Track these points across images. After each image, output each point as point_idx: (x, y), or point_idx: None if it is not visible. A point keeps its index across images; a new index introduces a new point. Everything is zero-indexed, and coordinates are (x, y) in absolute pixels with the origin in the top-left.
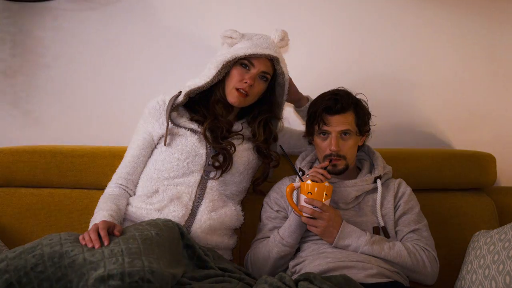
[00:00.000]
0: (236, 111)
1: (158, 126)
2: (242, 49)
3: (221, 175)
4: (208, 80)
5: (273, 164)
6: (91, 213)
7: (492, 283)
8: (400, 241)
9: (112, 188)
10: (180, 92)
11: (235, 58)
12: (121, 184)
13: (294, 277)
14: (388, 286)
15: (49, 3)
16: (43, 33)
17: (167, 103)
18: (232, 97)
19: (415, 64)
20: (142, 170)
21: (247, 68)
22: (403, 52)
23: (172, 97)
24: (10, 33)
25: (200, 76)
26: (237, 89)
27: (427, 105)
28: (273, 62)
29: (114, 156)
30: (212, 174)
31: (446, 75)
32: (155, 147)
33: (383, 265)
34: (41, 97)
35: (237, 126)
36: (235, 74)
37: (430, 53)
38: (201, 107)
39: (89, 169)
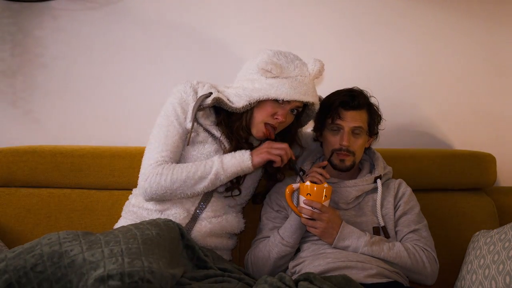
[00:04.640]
0: None
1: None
2: (281, 92)
3: (231, 196)
4: (236, 107)
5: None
6: (91, 213)
7: (492, 283)
8: (400, 241)
9: (160, 161)
10: (210, 93)
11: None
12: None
13: (294, 277)
14: (388, 286)
15: (49, 3)
16: (43, 33)
17: (197, 96)
18: (257, 131)
19: (416, 65)
20: None
21: (280, 102)
22: (404, 53)
23: (201, 96)
24: (10, 33)
25: (234, 91)
26: (266, 124)
27: (428, 106)
28: None
29: (114, 156)
30: (220, 189)
31: (447, 75)
32: None
33: (383, 265)
34: (41, 97)
35: (255, 140)
36: (268, 108)
37: (431, 54)
38: (224, 121)
39: (89, 169)
